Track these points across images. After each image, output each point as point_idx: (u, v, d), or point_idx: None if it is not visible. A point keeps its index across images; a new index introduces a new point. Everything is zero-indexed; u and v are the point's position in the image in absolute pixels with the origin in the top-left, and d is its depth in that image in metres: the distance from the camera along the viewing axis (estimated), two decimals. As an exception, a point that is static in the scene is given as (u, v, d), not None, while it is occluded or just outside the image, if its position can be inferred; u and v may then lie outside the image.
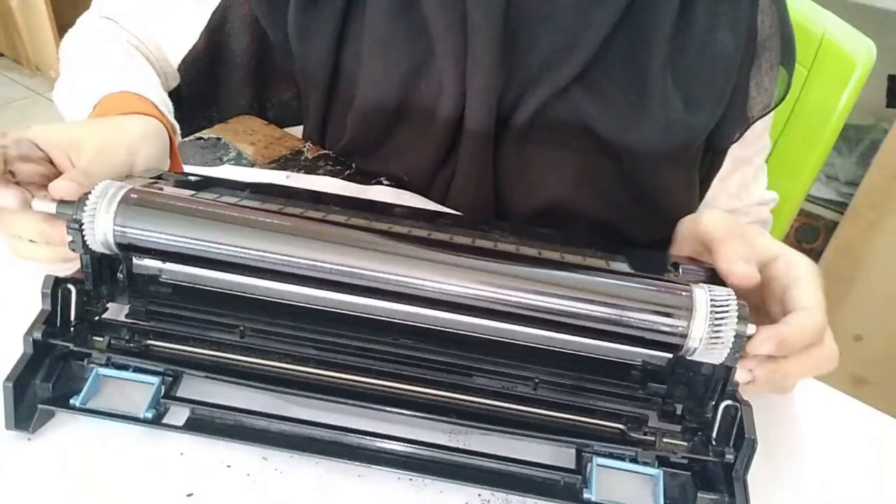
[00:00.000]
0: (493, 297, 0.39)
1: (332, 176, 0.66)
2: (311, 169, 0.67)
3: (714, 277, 0.42)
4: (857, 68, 0.75)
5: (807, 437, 0.47)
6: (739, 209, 0.69)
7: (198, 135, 0.69)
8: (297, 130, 0.73)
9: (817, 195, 1.50)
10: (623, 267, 0.42)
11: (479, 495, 0.40)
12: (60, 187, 0.42)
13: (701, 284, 0.40)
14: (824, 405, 0.49)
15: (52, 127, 0.48)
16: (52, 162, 0.46)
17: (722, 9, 0.59)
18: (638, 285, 0.40)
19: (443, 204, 0.65)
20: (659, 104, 0.58)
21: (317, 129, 0.69)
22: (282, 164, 0.67)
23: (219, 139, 0.69)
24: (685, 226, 0.47)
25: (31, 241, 0.44)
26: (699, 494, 0.39)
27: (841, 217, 1.41)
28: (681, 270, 0.43)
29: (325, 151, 0.69)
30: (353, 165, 0.68)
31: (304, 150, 0.69)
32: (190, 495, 0.38)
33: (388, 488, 0.40)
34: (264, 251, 0.40)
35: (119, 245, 0.41)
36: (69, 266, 0.44)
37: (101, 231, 0.40)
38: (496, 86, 0.58)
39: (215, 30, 0.67)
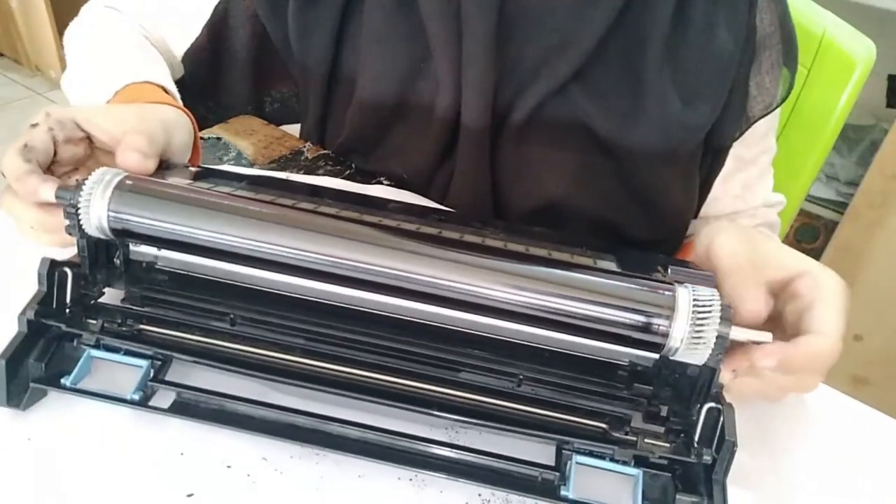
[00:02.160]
0: (477, 291, 0.40)
1: (332, 176, 0.66)
2: (311, 169, 0.67)
3: (704, 279, 0.42)
4: (857, 68, 0.75)
5: (806, 437, 0.47)
6: (744, 211, 0.69)
7: (198, 134, 0.69)
8: (295, 129, 0.73)
9: (817, 195, 1.50)
10: (611, 265, 0.42)
11: (480, 495, 0.40)
12: (131, 160, 0.44)
13: (686, 284, 0.39)
14: (824, 405, 0.49)
15: (90, 108, 0.48)
16: (90, 141, 0.47)
17: (719, 7, 0.59)
18: (619, 283, 0.40)
19: (442, 202, 0.65)
20: (656, 103, 0.57)
21: (316, 127, 0.69)
22: (282, 164, 0.67)
23: (219, 139, 0.69)
24: (700, 249, 0.46)
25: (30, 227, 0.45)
26: (678, 496, 0.39)
27: (841, 217, 1.41)
28: (669, 270, 0.43)
29: (325, 151, 0.69)
30: (353, 165, 0.68)
31: (304, 150, 0.69)
32: (190, 495, 0.38)
33: (388, 488, 0.40)
34: (254, 240, 0.41)
35: (113, 230, 0.42)
36: (72, 250, 0.45)
37: (97, 216, 0.41)
38: (491, 82, 0.58)
39: (217, 23, 0.68)
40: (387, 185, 0.66)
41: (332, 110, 0.68)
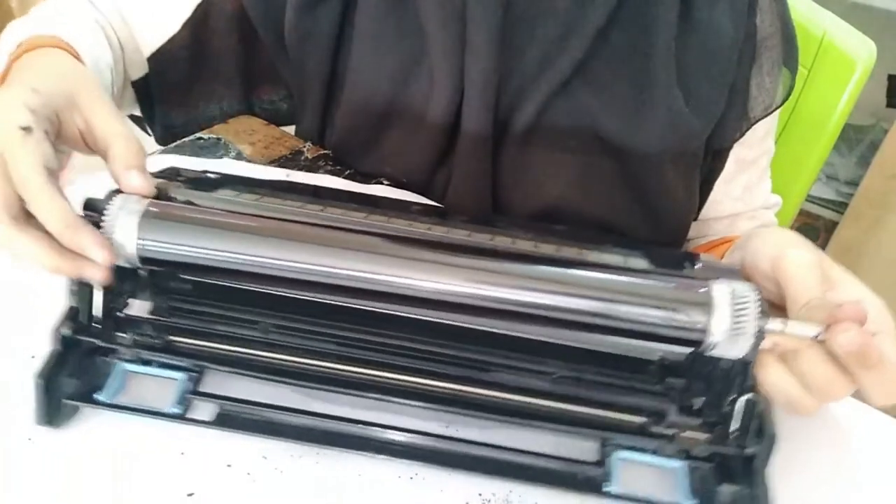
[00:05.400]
0: (514, 300, 0.40)
1: (333, 175, 0.66)
2: (311, 169, 0.67)
3: (733, 273, 0.42)
4: (857, 69, 0.75)
5: (805, 436, 0.47)
6: (744, 213, 0.69)
7: (198, 135, 0.69)
8: (289, 131, 0.73)
9: (817, 195, 1.50)
10: (641, 263, 0.42)
11: (480, 494, 0.40)
12: (136, 185, 0.41)
13: (721, 280, 0.40)
14: (824, 405, 0.49)
15: (49, 94, 0.41)
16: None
17: (721, 7, 0.59)
18: (656, 282, 0.40)
19: (441, 204, 0.65)
20: (662, 102, 0.57)
21: (315, 132, 0.69)
22: (282, 164, 0.67)
23: (219, 139, 0.69)
24: (759, 257, 0.44)
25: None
26: (720, 487, 0.39)
27: (841, 217, 1.41)
28: (698, 265, 0.43)
29: (325, 151, 0.69)
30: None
31: (304, 150, 0.69)
32: (190, 495, 0.38)
33: (389, 487, 0.40)
34: (284, 260, 0.40)
35: (142, 259, 0.41)
36: None
37: (122, 243, 0.40)
38: (494, 82, 0.58)
39: (198, 24, 0.65)
40: (387, 185, 0.66)
41: (330, 115, 0.67)
